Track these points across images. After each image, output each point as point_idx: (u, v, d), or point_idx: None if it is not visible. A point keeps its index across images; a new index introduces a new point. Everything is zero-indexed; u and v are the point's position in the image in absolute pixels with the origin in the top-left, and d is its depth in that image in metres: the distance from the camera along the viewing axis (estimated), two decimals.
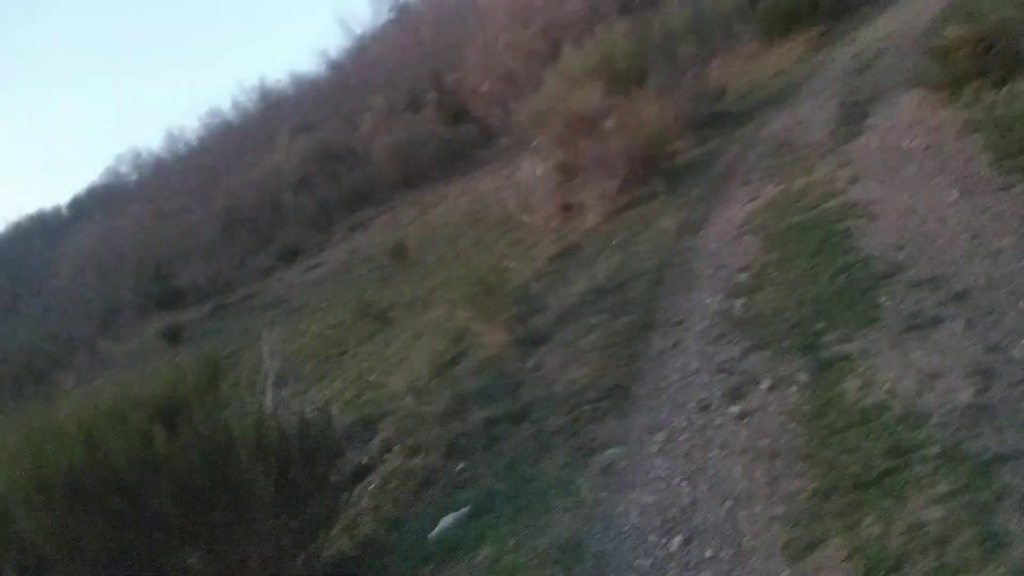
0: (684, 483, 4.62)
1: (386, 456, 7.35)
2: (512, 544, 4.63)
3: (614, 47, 15.14)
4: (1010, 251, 5.61)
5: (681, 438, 5.20)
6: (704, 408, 5.46)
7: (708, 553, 3.91)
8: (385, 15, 40.43)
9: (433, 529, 5.38)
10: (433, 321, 11.28)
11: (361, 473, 7.25)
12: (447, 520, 5.36)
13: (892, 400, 4.46)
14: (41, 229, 60.25)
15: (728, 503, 4.25)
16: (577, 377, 6.80)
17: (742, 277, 7.69)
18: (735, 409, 5.26)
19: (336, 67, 43.33)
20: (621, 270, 9.22)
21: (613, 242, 10.60)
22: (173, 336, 18.70)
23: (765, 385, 5.36)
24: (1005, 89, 9.19)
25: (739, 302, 7.13)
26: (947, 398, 4.25)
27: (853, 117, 11.32)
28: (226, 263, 27.45)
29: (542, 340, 8.04)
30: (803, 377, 5.21)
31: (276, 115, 42.98)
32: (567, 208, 12.93)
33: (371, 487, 7.01)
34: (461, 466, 6.17)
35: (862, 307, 5.72)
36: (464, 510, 5.39)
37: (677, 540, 4.09)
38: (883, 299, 5.70)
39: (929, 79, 10.60)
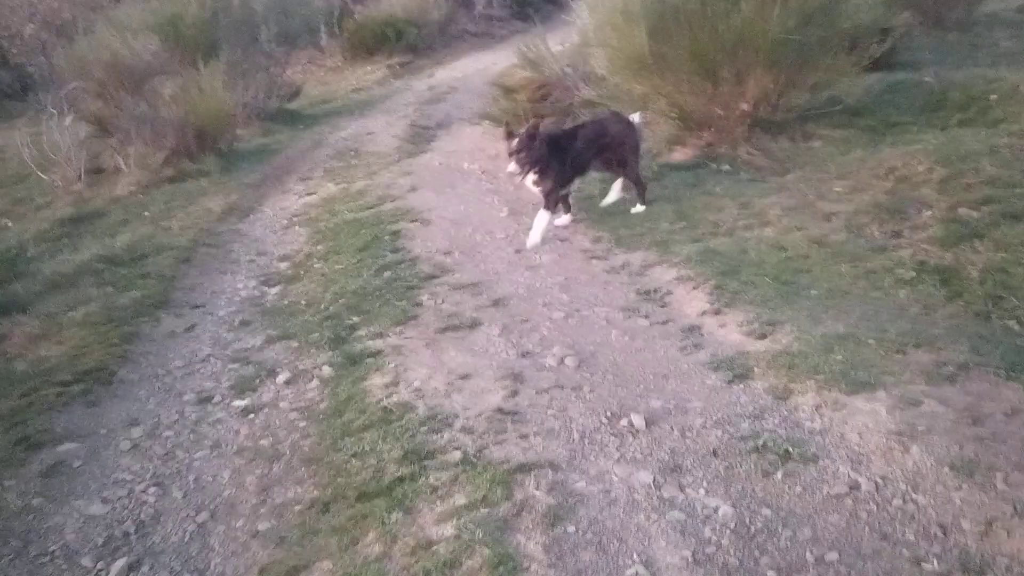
0: (153, 490, 3.53)
1: None
2: None
3: (184, 8, 13.50)
4: (547, 267, 5.56)
5: (166, 434, 4.10)
6: (204, 400, 4.43)
7: None
8: None
9: None
10: None
11: None
12: None
13: (418, 400, 3.91)
14: None
15: (203, 515, 3.28)
16: (49, 355, 5.27)
17: (282, 266, 6.84)
18: (241, 403, 4.32)
19: None
20: (144, 243, 7.76)
21: (145, 214, 9.04)
22: None
23: (282, 378, 4.52)
24: None
25: (273, 290, 6.26)
26: (475, 400, 3.80)
27: (421, 137, 11.32)
28: None
29: (17, 309, 6.27)
30: (327, 371, 4.48)
31: None
32: (97, 171, 10.95)
33: None
34: None
35: (402, 305, 5.21)
36: None
37: (119, 565, 2.99)
38: (424, 298, 5.25)
39: (492, 115, 10.99)
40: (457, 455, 3.33)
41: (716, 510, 2.76)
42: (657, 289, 4.85)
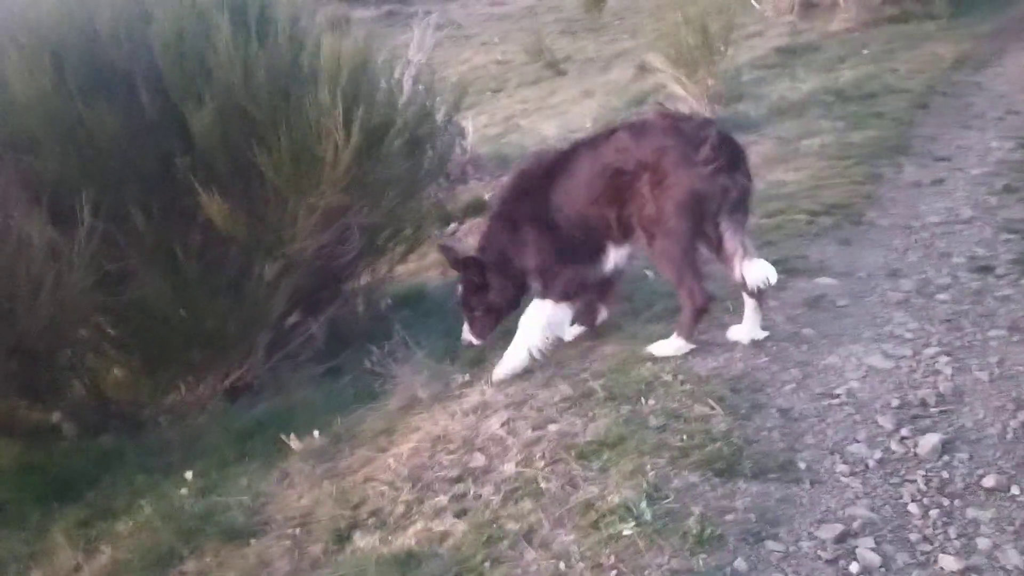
0: (945, 360, 2.91)
1: None
2: None
3: None
4: None
5: (940, 297, 3.43)
6: (981, 269, 3.64)
7: None
8: None
9: None
10: (611, 83, 9.45)
11: (478, 208, 5.86)
12: None
13: None
14: None
15: None
16: (789, 180, 5.01)
17: None
18: None
19: None
20: (871, 82, 7.07)
21: (863, 52, 8.32)
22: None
23: None
24: None
25: None
26: None
27: None
28: None
29: (745, 127, 6.17)
30: None
31: None
32: (810, 5, 10.48)
33: None
34: None
35: None
36: None
37: (930, 441, 2.43)
38: None
39: None
40: None
41: None
42: None
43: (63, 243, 3.18)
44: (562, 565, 2.06)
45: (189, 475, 3.02)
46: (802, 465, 2.39)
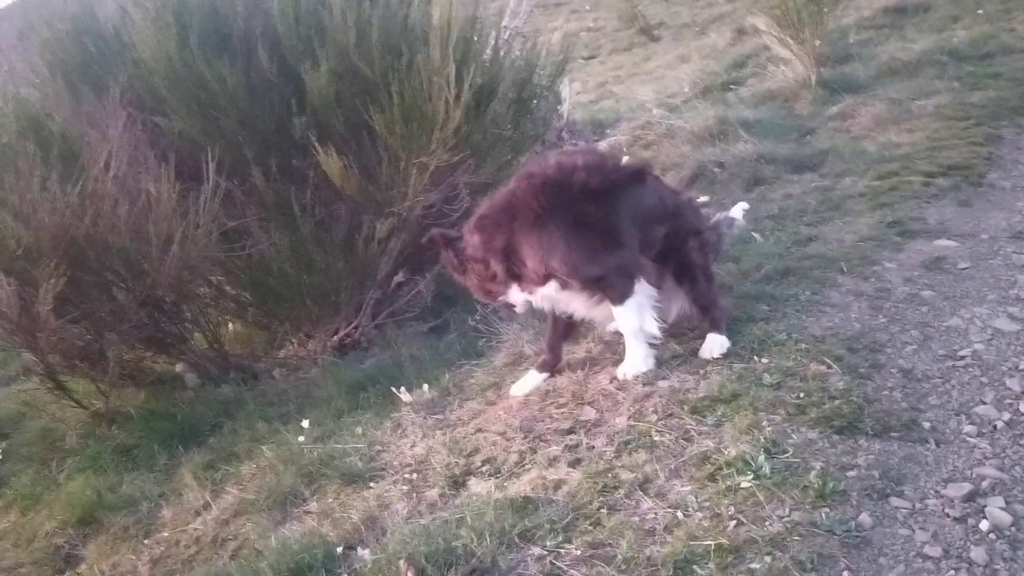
0: None
1: None
2: None
3: None
4: None
5: None
6: None
7: None
8: None
9: None
10: (707, 47, 9.24)
11: None
12: None
13: None
14: None
15: None
16: (902, 141, 4.82)
17: None
18: None
19: None
20: (987, 42, 6.71)
21: (979, 12, 7.90)
22: None
23: None
24: None
25: None
26: None
27: None
28: None
29: (853, 89, 5.97)
30: None
31: None
32: None
33: None
34: (703, 200, 4.55)
35: None
36: None
37: None
38: None
39: None
40: None
41: None
42: None
43: (188, 200, 3.32)
44: (680, 514, 2.07)
45: (306, 423, 3.13)
46: (926, 425, 2.33)
